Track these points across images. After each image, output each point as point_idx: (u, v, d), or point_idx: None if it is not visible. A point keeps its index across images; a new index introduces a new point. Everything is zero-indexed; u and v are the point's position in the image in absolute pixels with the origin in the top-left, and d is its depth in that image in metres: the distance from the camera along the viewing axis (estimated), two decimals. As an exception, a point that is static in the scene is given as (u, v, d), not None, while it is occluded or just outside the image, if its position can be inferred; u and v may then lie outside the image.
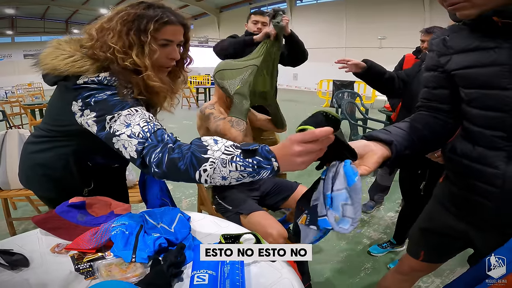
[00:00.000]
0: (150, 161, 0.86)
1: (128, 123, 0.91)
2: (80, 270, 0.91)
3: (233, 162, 0.81)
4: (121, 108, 0.94)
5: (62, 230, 1.06)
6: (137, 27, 0.99)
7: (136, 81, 1.02)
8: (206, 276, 0.84)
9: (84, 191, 1.25)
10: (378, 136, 0.93)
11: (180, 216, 1.12)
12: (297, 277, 0.91)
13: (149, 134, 0.90)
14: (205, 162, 0.82)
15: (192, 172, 0.83)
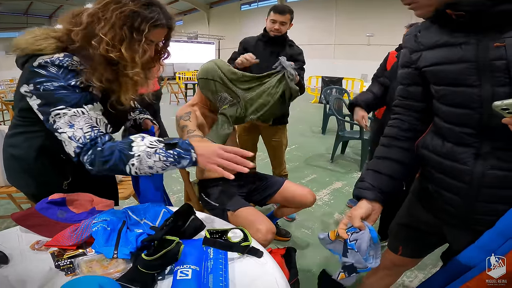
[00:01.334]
0: (84, 161, 0.97)
1: (72, 124, 0.97)
2: (61, 267, 0.90)
3: (157, 154, 0.97)
4: (66, 105, 0.96)
5: (42, 227, 1.04)
6: (131, 24, 0.99)
7: (106, 72, 1.02)
8: (189, 271, 0.83)
9: (64, 184, 1.21)
10: (365, 197, 1.04)
11: (165, 211, 1.11)
12: (281, 272, 0.91)
13: (89, 140, 0.97)
14: (132, 158, 0.96)
15: (122, 167, 0.97)
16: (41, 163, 1.16)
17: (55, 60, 0.97)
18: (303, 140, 5.70)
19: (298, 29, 17.04)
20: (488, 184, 0.87)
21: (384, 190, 1.03)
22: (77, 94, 0.98)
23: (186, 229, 0.99)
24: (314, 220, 2.84)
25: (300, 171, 4.11)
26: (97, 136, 0.98)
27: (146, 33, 1.02)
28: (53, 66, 0.97)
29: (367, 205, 1.02)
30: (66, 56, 0.98)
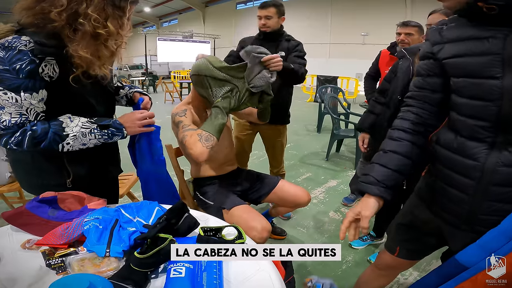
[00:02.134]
0: (7, 141, 1.01)
1: (2, 107, 0.99)
2: (52, 266, 0.89)
3: (92, 133, 1.11)
4: (6, 87, 0.98)
5: (33, 225, 1.03)
6: (113, 3, 1.09)
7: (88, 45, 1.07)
8: (183, 269, 0.82)
9: (67, 183, 1.21)
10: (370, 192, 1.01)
11: (158, 209, 1.10)
12: (276, 270, 0.91)
13: (13, 124, 1.00)
14: (66, 138, 1.07)
15: (55, 146, 1.06)
16: (39, 162, 1.17)
17: (4, 42, 0.98)
18: (299, 138, 5.71)
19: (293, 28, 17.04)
20: (498, 181, 0.86)
21: (389, 185, 1.00)
22: (19, 80, 0.99)
23: (180, 227, 0.98)
24: (310, 219, 2.84)
25: (295, 169, 4.11)
26: (23, 122, 1.02)
27: (127, 9, 1.14)
28: (2, 50, 0.97)
29: (375, 204, 0.99)
30: (14, 38, 0.98)
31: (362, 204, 1.01)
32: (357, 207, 1.01)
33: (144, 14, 25.55)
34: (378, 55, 2.76)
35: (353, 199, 3.15)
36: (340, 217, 2.90)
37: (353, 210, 1.01)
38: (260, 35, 2.39)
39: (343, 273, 2.14)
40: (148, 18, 26.98)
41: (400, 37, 2.42)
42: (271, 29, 2.31)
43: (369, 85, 2.87)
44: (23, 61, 0.98)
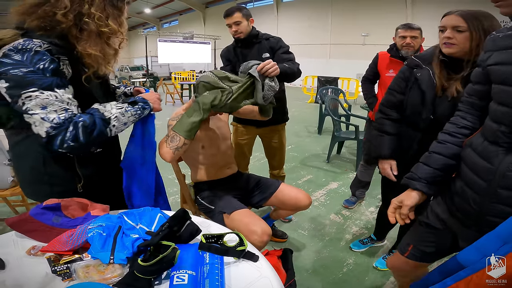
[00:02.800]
0: (64, 139, 1.00)
1: (44, 106, 0.99)
2: (57, 272, 0.90)
3: (127, 111, 1.18)
4: (38, 87, 0.98)
5: (37, 232, 1.04)
6: (111, 3, 1.14)
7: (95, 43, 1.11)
8: (185, 276, 0.84)
9: (78, 187, 1.23)
10: (411, 187, 1.17)
11: (160, 216, 1.11)
12: (277, 276, 0.92)
13: (63, 120, 1.01)
14: (110, 120, 1.11)
15: (105, 130, 1.10)
16: (51, 168, 1.18)
17: (17, 45, 0.98)
18: (299, 140, 5.72)
19: (293, 29, 17.17)
20: (505, 185, 0.92)
21: (430, 182, 1.14)
22: (48, 79, 1.00)
23: (182, 234, 1.00)
24: (311, 221, 2.86)
25: (296, 171, 4.12)
26: (71, 116, 1.03)
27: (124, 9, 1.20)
28: (17, 53, 0.97)
29: (416, 196, 1.14)
30: (26, 40, 0.99)
31: (406, 195, 1.16)
32: (401, 196, 1.17)
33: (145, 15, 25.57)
34: (375, 57, 2.74)
35: (354, 201, 3.16)
36: (341, 219, 2.91)
37: (397, 198, 1.18)
38: (238, 43, 2.40)
39: (344, 276, 2.15)
40: (149, 19, 27.00)
41: (406, 40, 2.40)
42: (244, 34, 2.31)
43: (368, 88, 2.87)
44: (44, 61, 1.00)
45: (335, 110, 4.71)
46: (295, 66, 2.17)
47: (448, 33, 1.37)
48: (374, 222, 2.82)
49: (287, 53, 2.30)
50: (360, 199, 3.23)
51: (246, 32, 2.30)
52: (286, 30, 17.04)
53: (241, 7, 2.31)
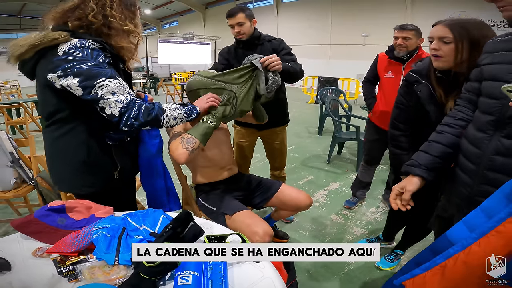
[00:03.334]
0: (129, 117, 1.17)
1: (115, 92, 1.15)
2: (63, 273, 0.91)
3: (179, 109, 1.35)
4: (105, 77, 1.15)
5: (42, 234, 1.06)
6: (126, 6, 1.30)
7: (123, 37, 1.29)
8: (189, 277, 0.85)
9: (115, 174, 1.39)
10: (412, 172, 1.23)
11: (163, 218, 1.13)
12: (279, 276, 0.93)
13: (130, 101, 1.18)
14: (165, 111, 1.28)
15: (160, 116, 1.25)
16: (95, 156, 1.31)
17: (76, 44, 1.14)
18: (300, 141, 5.73)
19: (293, 29, 17.17)
20: (491, 167, 1.04)
21: (430, 168, 1.21)
22: (108, 70, 1.17)
23: (185, 235, 1.01)
24: (312, 222, 2.87)
25: (297, 172, 4.13)
26: (134, 97, 1.21)
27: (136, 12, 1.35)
28: (77, 50, 1.13)
29: (417, 182, 1.20)
30: (81, 39, 1.16)
31: (407, 181, 1.22)
32: (402, 183, 1.23)
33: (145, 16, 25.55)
34: (375, 58, 2.75)
35: (355, 202, 3.17)
36: (342, 220, 2.92)
37: (398, 184, 1.23)
38: (239, 44, 2.35)
39: (345, 276, 2.16)
40: (149, 20, 27.02)
41: (398, 41, 2.42)
42: (247, 35, 2.27)
43: (368, 89, 2.88)
44: (100, 56, 1.18)
45: (335, 111, 4.71)
46: (297, 67, 2.17)
47: (434, 44, 1.36)
48: (375, 223, 2.85)
49: (289, 54, 2.29)
50: (361, 199, 3.24)
51: (249, 34, 2.27)
52: (286, 31, 17.04)
53: (244, 7, 2.28)
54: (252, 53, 2.22)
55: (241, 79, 1.65)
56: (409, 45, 2.40)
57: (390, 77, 2.58)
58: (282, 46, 2.32)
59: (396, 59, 2.51)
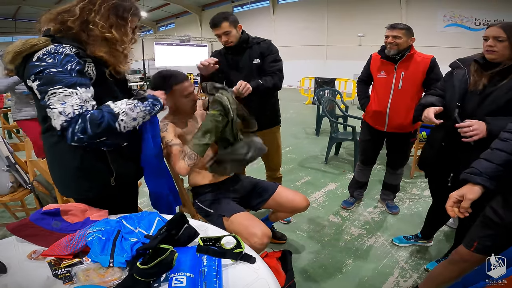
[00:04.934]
0: (74, 131, 1.09)
1: (64, 102, 1.09)
2: (58, 276, 0.92)
3: (137, 107, 1.23)
4: (63, 85, 1.10)
5: (37, 237, 1.06)
6: (116, 13, 1.25)
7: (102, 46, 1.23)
8: (184, 279, 0.85)
9: (111, 181, 1.34)
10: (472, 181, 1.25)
11: (159, 220, 1.13)
12: (274, 277, 0.93)
13: (77, 115, 1.10)
14: (119, 115, 1.16)
15: (113, 124, 1.14)
16: (88, 163, 1.29)
17: (49, 49, 1.12)
18: (297, 142, 5.74)
19: (290, 30, 17.22)
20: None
21: (492, 177, 1.22)
22: (73, 78, 1.12)
23: (180, 237, 1.02)
24: (309, 223, 2.87)
25: (294, 173, 4.14)
26: (83, 112, 1.11)
27: (129, 19, 1.28)
28: (50, 56, 1.11)
29: (478, 190, 1.22)
30: (57, 45, 1.14)
31: (467, 189, 1.24)
32: (462, 190, 1.25)
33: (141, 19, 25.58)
34: (369, 59, 2.76)
35: (352, 202, 3.17)
36: (340, 220, 2.93)
37: (457, 192, 1.26)
38: (228, 50, 2.35)
39: (343, 276, 2.16)
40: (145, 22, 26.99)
41: (388, 39, 2.44)
42: (234, 42, 2.26)
43: (362, 89, 2.89)
44: (72, 63, 1.13)
45: (332, 111, 4.72)
46: (271, 82, 2.23)
47: (490, 42, 1.56)
48: (373, 223, 2.86)
49: (274, 61, 2.30)
50: (358, 200, 3.25)
51: (236, 39, 2.26)
52: (283, 32, 17.08)
53: (227, 15, 2.22)
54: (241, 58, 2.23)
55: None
56: (399, 44, 2.41)
57: (383, 77, 2.60)
58: (270, 50, 2.32)
59: (389, 59, 2.52)
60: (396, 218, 2.97)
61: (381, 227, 2.80)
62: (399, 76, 2.50)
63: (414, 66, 2.46)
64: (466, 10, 12.05)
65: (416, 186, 3.64)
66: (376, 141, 2.85)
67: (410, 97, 2.53)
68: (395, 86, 2.54)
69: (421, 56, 2.47)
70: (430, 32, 12.24)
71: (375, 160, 3.00)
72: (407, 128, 2.66)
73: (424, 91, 2.55)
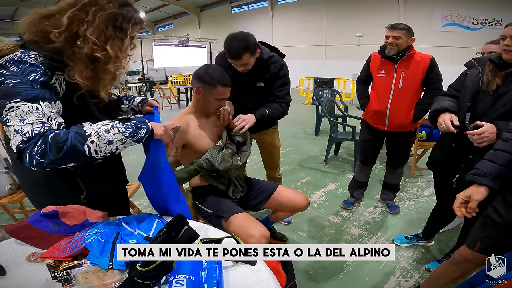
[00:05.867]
0: (32, 154, 0.90)
1: (23, 119, 0.92)
2: (57, 278, 0.91)
3: (115, 127, 1.00)
4: (22, 98, 0.93)
5: (36, 239, 1.05)
6: (114, 24, 1.07)
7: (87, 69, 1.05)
8: (184, 281, 0.84)
9: (81, 199, 1.21)
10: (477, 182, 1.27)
11: (158, 222, 1.12)
12: (275, 279, 0.93)
13: (37, 134, 0.91)
14: (89, 136, 0.95)
15: (80, 146, 0.93)
16: (52, 181, 1.16)
17: (13, 57, 0.97)
18: (297, 142, 5.73)
19: (288, 31, 17.22)
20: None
21: (496, 177, 1.24)
22: (35, 90, 0.96)
23: (180, 239, 1.00)
24: (310, 223, 2.87)
25: (294, 173, 4.13)
26: (46, 131, 0.93)
27: (129, 31, 1.11)
28: (13, 64, 0.96)
29: (484, 191, 1.24)
30: (23, 52, 0.98)
31: (473, 190, 1.26)
32: (468, 191, 1.27)
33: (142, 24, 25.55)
34: (368, 58, 2.76)
35: (352, 202, 3.17)
36: (340, 220, 2.92)
37: (464, 193, 1.28)
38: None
39: (344, 276, 2.16)
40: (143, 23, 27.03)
41: (389, 40, 2.44)
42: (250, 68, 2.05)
43: (361, 89, 2.88)
44: (36, 73, 0.97)
45: (331, 111, 4.72)
46: (278, 111, 2.15)
47: (507, 41, 1.52)
48: (373, 223, 2.85)
49: (283, 85, 2.19)
50: (359, 199, 3.24)
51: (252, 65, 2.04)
52: (281, 32, 17.10)
53: (248, 43, 1.92)
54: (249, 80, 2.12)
55: None
56: (399, 44, 2.41)
57: (383, 77, 2.60)
58: (280, 73, 2.16)
59: (389, 59, 2.52)
60: (397, 218, 2.97)
61: (381, 227, 2.80)
62: (399, 76, 2.50)
63: (414, 66, 2.46)
64: (464, 10, 12.08)
65: (416, 186, 3.63)
66: (376, 141, 2.85)
67: (410, 96, 2.54)
68: (395, 86, 2.54)
69: (421, 56, 2.47)
70: (428, 32, 12.27)
71: (375, 160, 2.99)
72: (407, 127, 2.66)
73: (424, 91, 2.55)
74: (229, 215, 1.64)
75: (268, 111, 2.08)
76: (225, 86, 1.69)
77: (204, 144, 1.74)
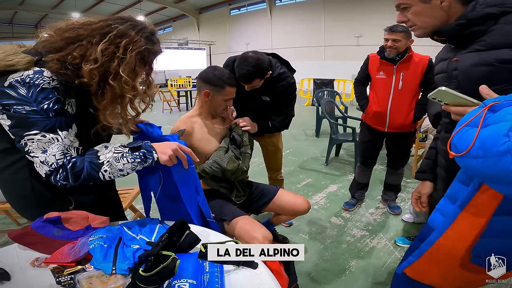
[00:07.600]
0: (56, 179, 1.01)
1: (45, 150, 0.98)
2: (62, 283, 0.91)
3: (124, 157, 1.06)
4: (40, 129, 0.95)
5: (40, 244, 1.06)
6: (143, 59, 1.07)
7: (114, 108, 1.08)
8: (186, 285, 0.85)
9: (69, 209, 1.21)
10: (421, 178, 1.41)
11: (160, 226, 1.13)
12: (277, 282, 0.93)
13: (61, 164, 1.00)
14: (102, 165, 1.03)
15: (96, 175, 1.03)
16: (39, 192, 1.14)
17: (25, 78, 0.93)
18: (298, 144, 5.74)
19: (287, 32, 17.25)
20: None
21: (430, 171, 1.37)
22: (51, 119, 0.97)
23: (182, 243, 1.01)
24: (311, 225, 2.87)
25: (295, 175, 4.14)
26: (68, 159, 1.01)
27: (153, 64, 1.13)
28: (23, 86, 0.93)
29: (430, 185, 1.36)
30: (37, 73, 0.94)
31: (421, 186, 1.39)
32: (418, 188, 1.40)
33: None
34: (366, 59, 2.76)
35: (354, 203, 3.17)
36: (342, 222, 2.92)
37: (415, 190, 1.40)
38: None
39: (346, 278, 2.16)
40: (144, 27, 27.03)
41: (388, 43, 2.45)
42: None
43: (360, 90, 2.89)
44: (49, 100, 0.95)
45: (331, 113, 4.73)
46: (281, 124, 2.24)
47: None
48: (375, 224, 2.86)
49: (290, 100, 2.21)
50: (360, 201, 3.25)
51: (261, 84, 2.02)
52: (280, 34, 17.12)
53: (260, 70, 1.87)
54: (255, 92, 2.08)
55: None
56: (399, 47, 2.42)
57: (382, 77, 2.61)
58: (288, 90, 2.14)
59: (388, 60, 2.53)
60: (398, 218, 2.97)
61: (383, 228, 2.80)
62: (399, 77, 2.51)
63: (413, 67, 2.47)
64: (463, 9, 12.07)
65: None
66: (376, 142, 2.86)
67: (410, 97, 2.56)
68: (395, 87, 2.55)
69: (419, 57, 2.49)
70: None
71: (375, 160, 3.00)
72: (407, 127, 2.67)
73: (422, 91, 2.57)
74: (231, 218, 1.65)
75: (271, 123, 2.18)
76: (233, 86, 1.76)
77: (209, 147, 1.76)
